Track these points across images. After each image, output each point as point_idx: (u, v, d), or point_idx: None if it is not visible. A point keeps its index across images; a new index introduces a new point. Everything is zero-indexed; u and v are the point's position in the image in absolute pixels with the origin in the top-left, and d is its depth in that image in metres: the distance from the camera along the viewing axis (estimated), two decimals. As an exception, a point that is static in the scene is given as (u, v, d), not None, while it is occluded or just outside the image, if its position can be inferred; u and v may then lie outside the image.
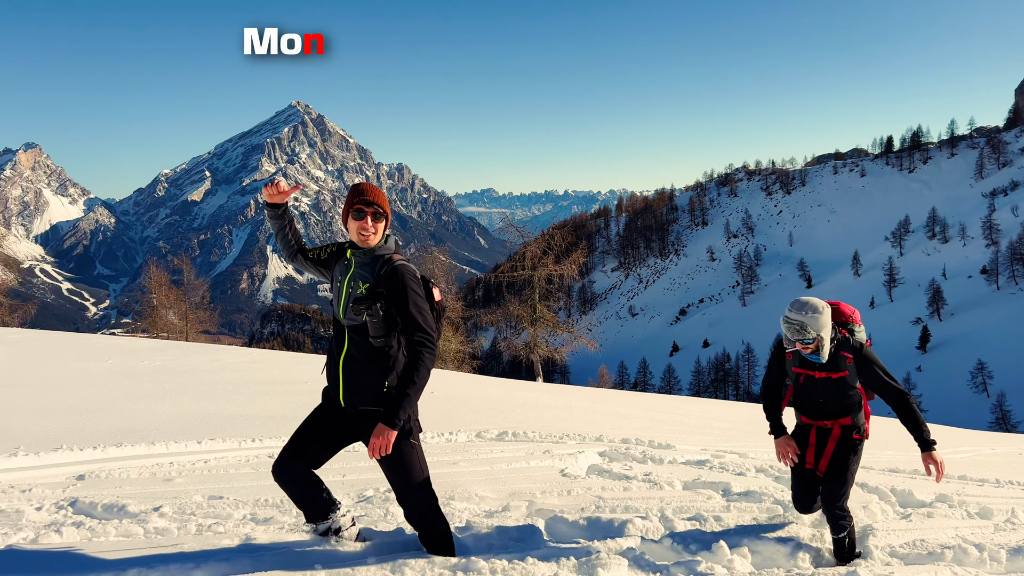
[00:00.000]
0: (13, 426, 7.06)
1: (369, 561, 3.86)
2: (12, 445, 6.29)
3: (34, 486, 5.24)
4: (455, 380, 17.41)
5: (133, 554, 3.88)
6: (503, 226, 40.67)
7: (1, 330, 22.05)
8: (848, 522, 4.45)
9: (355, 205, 3.59)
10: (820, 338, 4.34)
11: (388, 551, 4.05)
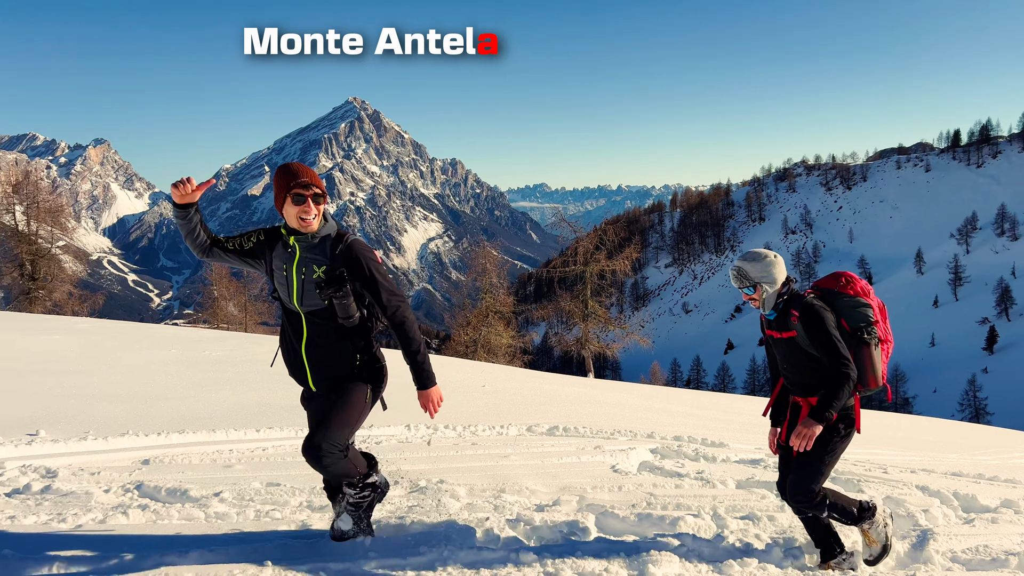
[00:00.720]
0: (83, 411, 7.35)
1: (421, 550, 3.92)
2: (82, 429, 6.56)
3: (102, 469, 5.46)
4: (506, 374, 17.47)
5: (195, 536, 4.01)
6: (555, 221, 40.62)
7: (71, 319, 22.92)
8: (817, 518, 4.10)
9: (293, 190, 3.37)
10: (761, 287, 4.03)
11: (438, 541, 4.10)
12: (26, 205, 36.49)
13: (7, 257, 36.77)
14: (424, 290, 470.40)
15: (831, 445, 3.98)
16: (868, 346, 3.98)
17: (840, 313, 4.04)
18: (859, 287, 4.10)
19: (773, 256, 4.06)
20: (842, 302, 4.06)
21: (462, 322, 36.92)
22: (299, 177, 3.36)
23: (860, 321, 4.01)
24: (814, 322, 3.91)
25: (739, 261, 4.08)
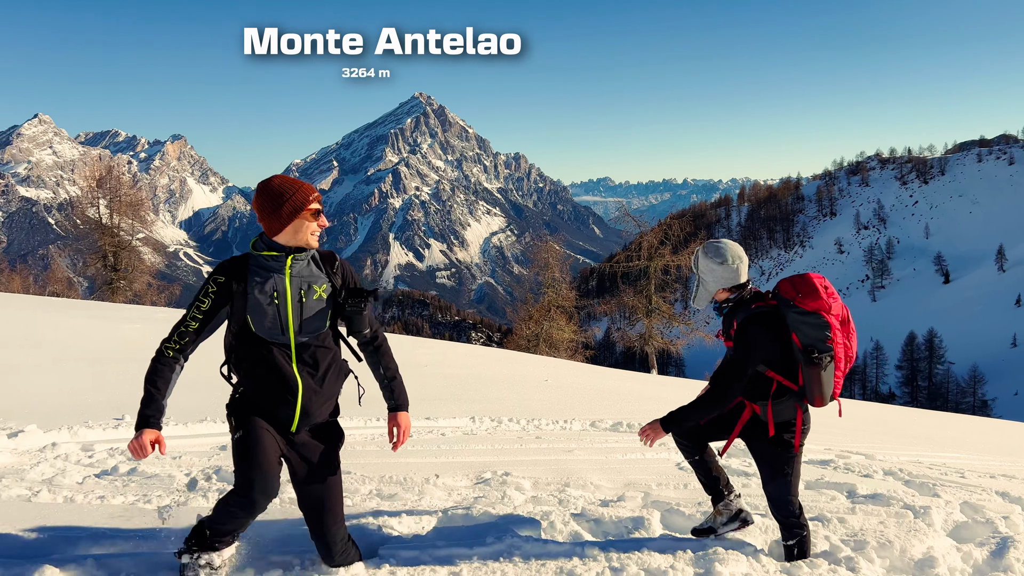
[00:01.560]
0: (164, 397, 7.67)
1: (487, 540, 3.99)
2: (164, 416, 6.84)
3: (183, 454, 5.70)
4: (568, 369, 17.48)
5: (271, 520, 4.16)
6: (619, 215, 40.43)
7: (151, 309, 23.87)
8: (794, 534, 4.00)
9: (312, 204, 3.06)
10: (701, 280, 3.83)
11: (504, 532, 4.16)
12: (109, 199, 38.12)
13: (91, 249, 38.51)
14: (486, 284, 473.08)
15: (780, 460, 3.85)
16: (817, 367, 3.63)
17: (792, 327, 3.66)
18: (820, 299, 3.61)
19: (721, 262, 3.73)
20: (794, 317, 3.64)
21: (524, 316, 37.03)
22: (313, 192, 3.08)
23: (814, 339, 3.62)
24: (741, 340, 3.68)
25: (701, 248, 3.87)
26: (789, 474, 3.86)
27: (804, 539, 4.03)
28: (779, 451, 3.85)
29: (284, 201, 3.01)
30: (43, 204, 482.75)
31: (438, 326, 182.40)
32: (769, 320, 3.70)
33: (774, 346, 3.69)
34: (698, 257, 3.82)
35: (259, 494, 3.03)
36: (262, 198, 3.06)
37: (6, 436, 5.67)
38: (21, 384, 8.03)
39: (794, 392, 3.77)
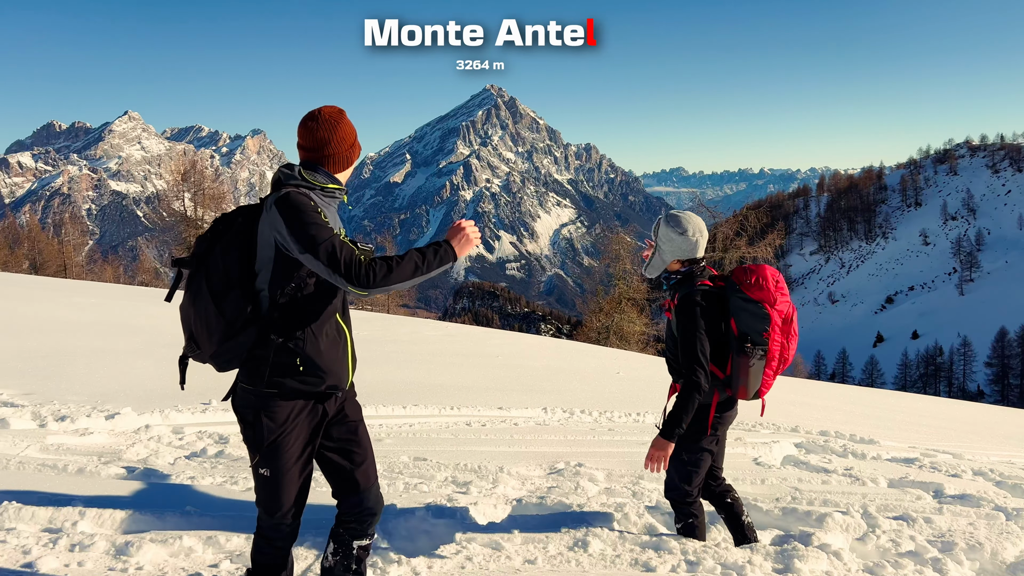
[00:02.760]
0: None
1: (562, 530, 4.01)
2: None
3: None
4: (639, 361, 17.34)
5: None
6: (693, 206, 39.74)
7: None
8: (686, 518, 3.87)
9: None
10: (658, 248, 3.69)
11: (578, 522, 4.18)
12: (193, 192, 39.67)
13: (177, 240, 40.20)
14: (556, 276, 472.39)
15: (686, 439, 3.67)
16: (747, 357, 3.51)
17: (732, 312, 3.56)
18: (767, 291, 3.49)
19: (682, 232, 3.60)
20: (737, 301, 3.54)
21: (594, 308, 36.87)
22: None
23: (751, 329, 3.51)
24: (683, 315, 3.52)
25: (663, 217, 3.74)
26: (686, 461, 3.71)
27: (692, 525, 3.89)
28: (697, 433, 3.68)
29: (355, 135, 2.74)
30: (132, 197, 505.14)
31: (507, 318, 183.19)
32: (710, 299, 3.60)
33: (710, 327, 3.56)
34: (659, 225, 3.71)
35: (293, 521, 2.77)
36: (343, 127, 2.67)
37: (104, 418, 5.99)
38: (117, 369, 8.45)
39: (718, 379, 3.63)
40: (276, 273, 2.54)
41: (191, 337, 2.61)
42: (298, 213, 2.46)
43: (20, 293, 18.08)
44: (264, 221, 2.55)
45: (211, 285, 2.52)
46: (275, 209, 2.49)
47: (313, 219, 2.46)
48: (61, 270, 49.04)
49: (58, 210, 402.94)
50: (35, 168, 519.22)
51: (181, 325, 2.67)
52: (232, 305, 2.51)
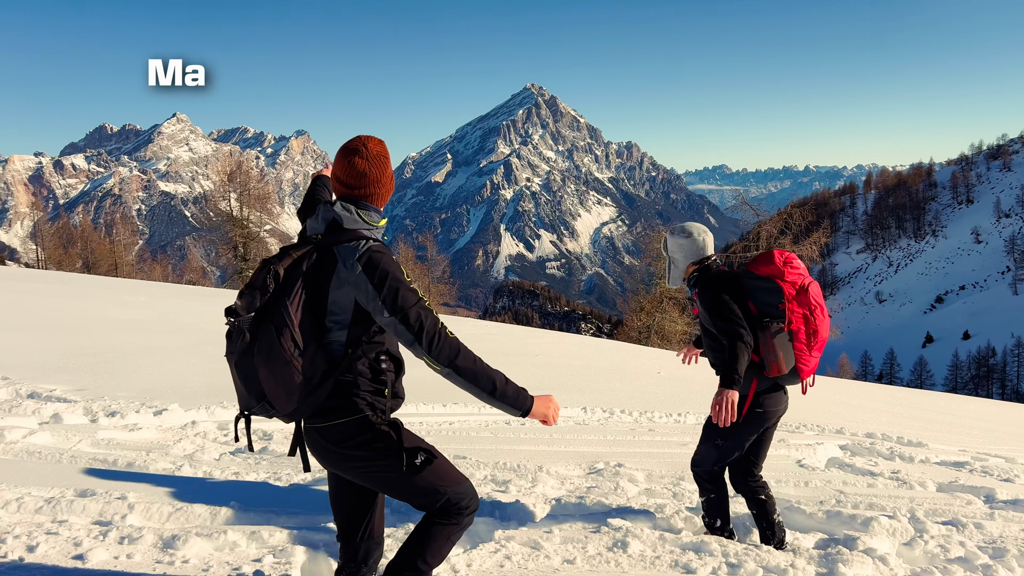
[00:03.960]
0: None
1: (602, 529, 4.00)
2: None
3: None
4: (680, 361, 17.17)
5: (392, 501, 4.31)
6: (736, 204, 39.37)
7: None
8: (707, 494, 3.96)
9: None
10: (671, 260, 3.90)
11: (616, 522, 4.15)
12: (239, 193, 40.39)
13: (223, 240, 40.97)
14: (596, 275, 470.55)
15: (725, 428, 3.69)
16: (768, 331, 3.60)
17: (747, 293, 3.69)
18: (774, 266, 3.65)
19: (688, 235, 3.81)
20: (747, 281, 3.71)
21: (635, 308, 36.65)
22: None
23: (766, 303, 3.64)
24: (706, 294, 3.65)
25: (667, 232, 3.96)
26: (719, 445, 3.80)
27: (713, 500, 3.97)
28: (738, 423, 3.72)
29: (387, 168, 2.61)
30: (180, 198, 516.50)
31: (547, 316, 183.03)
32: (727, 282, 3.70)
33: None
34: (666, 241, 3.92)
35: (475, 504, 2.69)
36: (383, 162, 2.57)
37: (152, 413, 6.14)
38: (165, 366, 8.65)
39: (753, 364, 3.67)
40: (354, 325, 2.47)
41: (261, 398, 2.45)
42: (388, 277, 2.37)
43: (73, 291, 18.61)
44: (341, 276, 2.43)
45: (284, 344, 2.36)
46: (361, 272, 2.39)
47: (403, 282, 2.39)
48: (112, 269, 50.35)
49: (110, 210, 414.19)
50: (88, 170, 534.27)
51: (238, 382, 2.48)
52: (309, 363, 2.40)
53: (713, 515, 4.00)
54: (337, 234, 2.48)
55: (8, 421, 5.54)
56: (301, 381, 2.39)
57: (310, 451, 2.60)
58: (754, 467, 3.91)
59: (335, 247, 2.45)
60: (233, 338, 2.42)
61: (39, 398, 6.45)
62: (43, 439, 5.21)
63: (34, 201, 70.59)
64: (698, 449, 3.94)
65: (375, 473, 2.53)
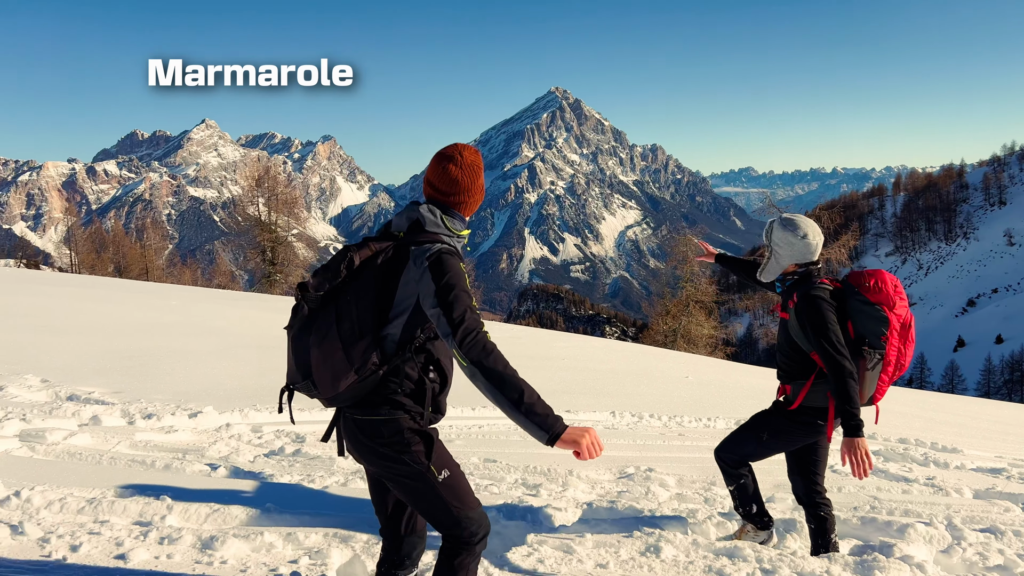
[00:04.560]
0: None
1: (634, 534, 3.99)
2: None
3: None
4: (708, 365, 17.08)
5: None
6: (762, 207, 39.15)
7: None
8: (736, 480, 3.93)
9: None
10: (770, 252, 3.69)
11: (650, 527, 4.15)
12: (267, 197, 40.81)
13: (251, 244, 41.41)
14: (621, 278, 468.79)
15: (780, 425, 3.72)
16: (865, 360, 3.49)
17: (849, 315, 3.53)
18: (886, 293, 3.48)
19: (803, 236, 3.57)
20: (855, 303, 3.51)
21: (661, 311, 36.48)
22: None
23: (869, 331, 3.48)
24: (808, 314, 3.45)
25: (778, 220, 3.71)
26: (761, 439, 3.79)
27: (744, 485, 3.96)
28: (787, 421, 3.71)
29: (479, 177, 2.66)
30: (209, 203, 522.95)
31: (572, 320, 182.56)
32: (834, 298, 3.55)
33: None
34: (773, 229, 3.67)
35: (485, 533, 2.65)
36: (476, 172, 2.63)
37: (187, 416, 6.23)
38: (198, 369, 8.77)
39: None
40: (409, 325, 2.50)
41: (307, 376, 2.52)
42: (449, 276, 2.40)
43: (107, 295, 18.93)
44: (410, 273, 2.46)
45: (341, 329, 2.42)
46: (427, 269, 2.42)
47: (461, 284, 2.41)
48: (143, 273, 51.13)
49: (140, 215, 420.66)
50: (120, 175, 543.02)
51: (291, 355, 2.56)
52: (360, 354, 2.43)
53: (747, 501, 3.96)
54: (416, 234, 2.54)
55: (49, 423, 5.66)
56: (349, 369, 2.42)
57: (345, 439, 2.63)
58: (817, 476, 3.82)
59: (411, 247, 2.50)
60: (297, 313, 2.50)
61: (78, 400, 6.59)
62: (83, 441, 5.32)
63: (68, 207, 71.86)
64: (733, 436, 3.90)
65: (398, 477, 2.55)
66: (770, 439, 3.76)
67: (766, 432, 3.76)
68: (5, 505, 3.90)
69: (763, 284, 4.01)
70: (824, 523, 3.83)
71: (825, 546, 3.82)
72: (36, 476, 4.45)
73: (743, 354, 70.69)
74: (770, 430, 3.75)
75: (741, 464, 3.92)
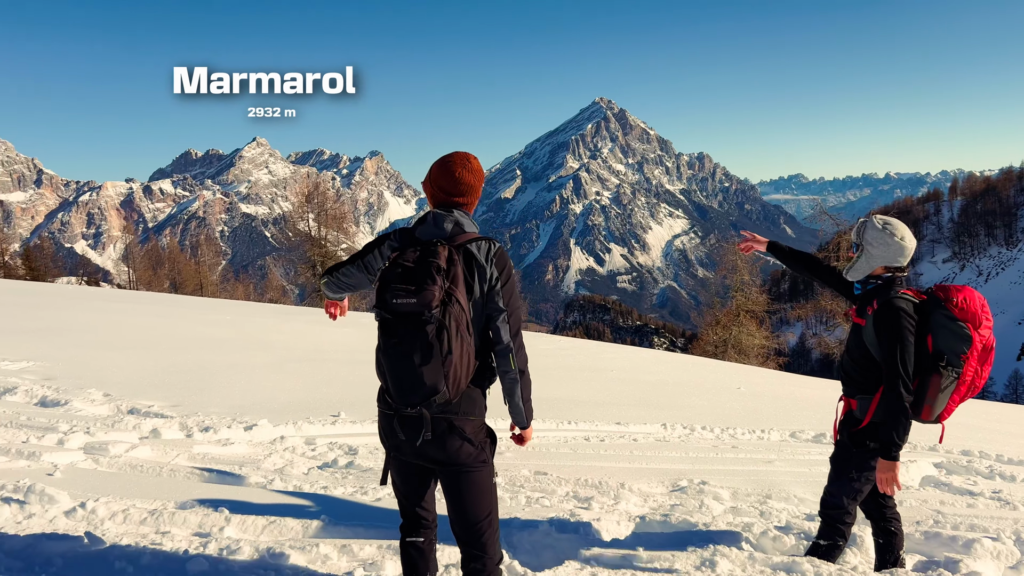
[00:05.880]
0: (375, 398, 8.25)
1: (688, 548, 3.94)
2: (375, 414, 7.36)
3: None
4: (760, 376, 16.78)
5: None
6: (814, 214, 38.32)
7: (357, 314, 25.66)
8: (833, 537, 3.71)
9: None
10: (862, 251, 3.48)
11: (704, 541, 4.09)
12: (317, 213, 41.52)
13: (302, 259, 42.17)
14: (669, 288, 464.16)
15: (861, 457, 3.50)
16: (939, 376, 3.34)
17: (931, 328, 3.37)
18: (973, 312, 3.34)
19: (899, 239, 3.41)
20: (939, 317, 3.36)
21: (711, 321, 36.03)
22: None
23: (948, 347, 3.33)
24: (887, 323, 3.30)
25: (872, 220, 3.53)
26: (854, 479, 3.55)
27: (834, 547, 3.73)
28: (856, 450, 3.52)
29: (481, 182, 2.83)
30: (260, 219, 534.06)
31: (619, 331, 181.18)
32: (916, 311, 3.40)
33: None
34: (866, 228, 3.51)
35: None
36: (482, 177, 2.80)
37: (243, 429, 6.36)
38: (252, 382, 8.94)
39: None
40: (477, 321, 2.64)
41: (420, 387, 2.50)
42: (511, 277, 2.64)
43: (164, 311, 19.45)
44: (478, 272, 2.60)
45: (462, 332, 2.48)
46: (493, 266, 2.61)
47: (517, 285, 2.67)
48: (198, 289, 52.41)
49: (195, 232, 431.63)
50: (174, 194, 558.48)
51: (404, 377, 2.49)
52: (473, 352, 2.55)
53: (832, 558, 3.79)
54: (465, 235, 2.66)
55: (111, 436, 5.83)
56: (473, 366, 2.55)
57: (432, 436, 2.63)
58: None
59: (468, 246, 2.62)
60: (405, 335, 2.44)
61: (138, 413, 6.77)
62: (144, 453, 5.47)
63: (125, 225, 74.18)
64: (829, 488, 3.67)
65: (467, 474, 2.69)
66: (859, 473, 3.54)
67: (852, 470, 3.56)
68: (72, 516, 4.02)
69: (827, 281, 3.91)
70: (893, 538, 3.72)
71: (893, 562, 3.71)
72: (100, 488, 4.59)
73: (796, 364, 69.30)
74: (854, 465, 3.55)
75: (849, 521, 3.70)
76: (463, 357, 2.47)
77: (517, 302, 2.65)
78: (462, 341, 2.45)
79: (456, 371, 2.46)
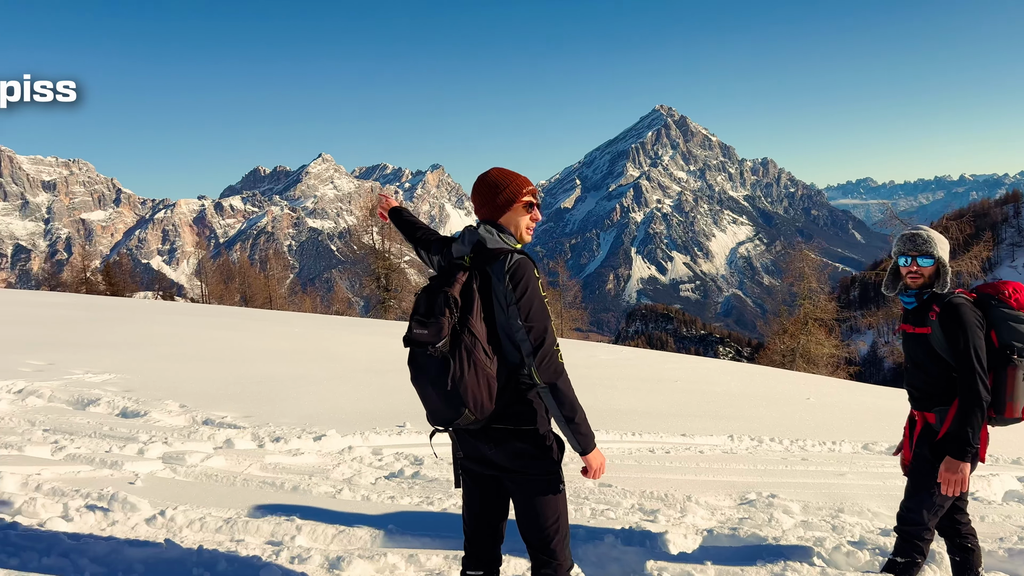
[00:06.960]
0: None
1: (757, 563, 3.87)
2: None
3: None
4: (831, 386, 16.32)
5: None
6: (884, 218, 37.27)
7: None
8: (911, 554, 3.51)
9: (523, 197, 2.81)
10: (940, 259, 3.35)
11: (774, 556, 4.01)
12: (380, 226, 42.22)
13: (367, 272, 42.95)
14: (733, 296, 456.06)
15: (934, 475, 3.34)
16: (1015, 368, 3.25)
17: (993, 324, 3.32)
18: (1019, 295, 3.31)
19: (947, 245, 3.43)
20: (999, 312, 3.32)
21: (778, 330, 35.23)
22: (529, 184, 2.88)
23: (1015, 338, 3.27)
24: (956, 323, 3.23)
25: (926, 232, 3.41)
26: (934, 492, 3.38)
27: (912, 564, 3.54)
28: (938, 463, 3.34)
29: (499, 191, 2.79)
30: (326, 233, 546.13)
31: (683, 340, 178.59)
32: (977, 309, 3.34)
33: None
34: (936, 242, 3.40)
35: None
36: (484, 186, 2.82)
37: (312, 439, 6.50)
38: (322, 393, 9.14)
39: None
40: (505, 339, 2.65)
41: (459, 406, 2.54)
42: (528, 289, 2.59)
43: (235, 324, 20.05)
44: (496, 289, 2.62)
45: (478, 355, 2.53)
46: (508, 281, 2.59)
47: (539, 296, 2.61)
48: (267, 302, 53.82)
49: (264, 247, 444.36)
50: (244, 210, 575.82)
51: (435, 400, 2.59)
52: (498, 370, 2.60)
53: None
54: (485, 253, 2.69)
55: (188, 446, 6.03)
56: (497, 386, 2.59)
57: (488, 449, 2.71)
58: (963, 504, 3.59)
59: (487, 267, 2.65)
60: (424, 364, 2.57)
61: (213, 424, 7.00)
62: (218, 463, 5.64)
63: (198, 241, 76.93)
64: (907, 503, 3.53)
65: (532, 480, 2.70)
66: (938, 489, 3.38)
67: (932, 484, 3.41)
68: (152, 523, 4.18)
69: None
70: (970, 555, 3.58)
71: None
72: (178, 496, 4.75)
73: (867, 374, 67.14)
74: (935, 479, 3.39)
75: (928, 539, 3.56)
76: (480, 381, 2.52)
77: (538, 314, 2.58)
78: (475, 367, 2.50)
79: (476, 395, 2.51)
